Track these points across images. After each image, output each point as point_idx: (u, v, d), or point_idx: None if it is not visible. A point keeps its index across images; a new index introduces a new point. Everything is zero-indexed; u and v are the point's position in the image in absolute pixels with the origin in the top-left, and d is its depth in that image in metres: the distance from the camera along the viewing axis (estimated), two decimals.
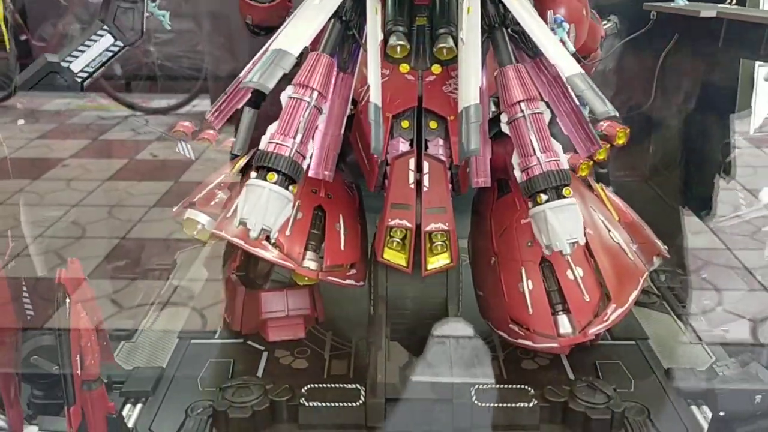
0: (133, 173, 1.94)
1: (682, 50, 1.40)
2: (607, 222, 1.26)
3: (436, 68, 1.17)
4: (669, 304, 1.52)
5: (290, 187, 1.01)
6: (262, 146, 1.02)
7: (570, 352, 1.30)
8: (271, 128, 1.03)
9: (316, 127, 1.09)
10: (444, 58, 1.14)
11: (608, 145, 1.45)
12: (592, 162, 1.34)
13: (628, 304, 1.17)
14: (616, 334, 1.39)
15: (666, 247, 1.35)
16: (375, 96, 1.02)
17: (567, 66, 1.01)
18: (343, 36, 1.11)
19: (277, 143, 1.01)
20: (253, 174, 1.01)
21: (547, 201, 1.01)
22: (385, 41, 1.13)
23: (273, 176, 0.99)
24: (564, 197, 1.01)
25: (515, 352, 1.34)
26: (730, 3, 1.30)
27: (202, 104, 2.36)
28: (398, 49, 1.13)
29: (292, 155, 1.00)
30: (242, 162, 1.34)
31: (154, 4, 1.39)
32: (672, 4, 1.30)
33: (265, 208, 0.98)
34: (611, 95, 1.11)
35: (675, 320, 1.47)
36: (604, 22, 1.37)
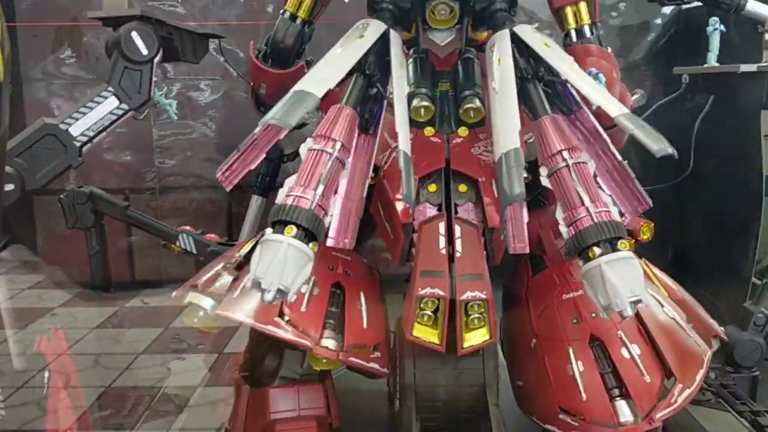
0: (123, 320, 1.85)
1: (719, 113, 1.34)
2: (658, 297, 1.13)
3: (463, 131, 1.09)
4: (726, 401, 1.35)
5: (310, 245, 0.89)
6: (279, 200, 0.91)
7: None
8: (289, 181, 0.93)
9: (336, 192, 1.00)
10: (471, 120, 1.08)
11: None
12: (652, 224, 1.24)
13: (696, 384, 1.02)
14: None
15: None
16: (404, 143, 0.94)
17: (612, 106, 0.93)
18: (365, 95, 1.04)
19: (296, 195, 0.90)
20: (269, 230, 0.89)
21: (602, 255, 0.89)
22: (407, 104, 1.07)
23: (291, 230, 0.88)
24: (620, 251, 0.90)
25: None
26: (767, 61, 1.26)
27: None
28: (422, 111, 1.07)
29: (313, 208, 0.90)
30: (249, 245, 1.23)
31: (160, 93, 1.34)
32: (705, 66, 1.26)
33: (283, 265, 0.85)
34: (644, 169, 1.04)
35: (736, 417, 1.30)
36: (632, 94, 1.32)
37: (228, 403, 1.24)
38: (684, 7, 1.34)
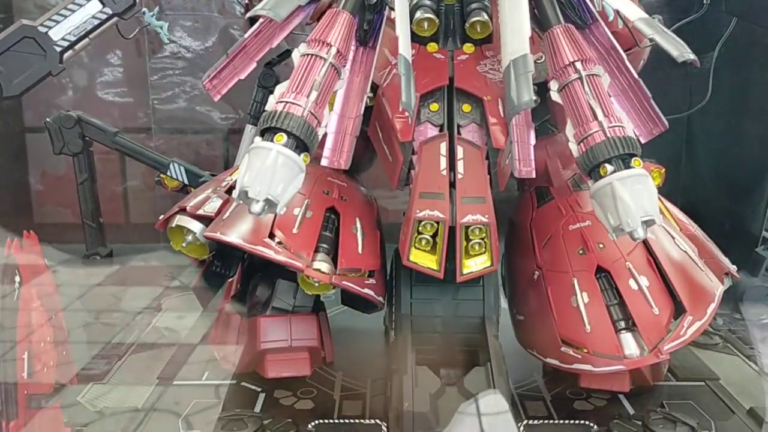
0: (124, 279, 1.81)
1: (742, 37, 1.26)
2: (670, 230, 1.08)
3: (469, 47, 1.03)
4: (734, 345, 1.31)
5: (302, 155, 0.83)
6: (269, 107, 0.85)
7: (629, 393, 1.08)
8: (280, 87, 0.87)
9: (331, 104, 0.94)
10: (477, 35, 1.01)
11: None
12: (663, 169, 1.18)
13: (707, 317, 0.97)
14: (681, 375, 1.17)
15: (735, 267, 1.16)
16: (404, 48, 0.87)
17: (631, 10, 0.87)
18: (364, 3, 0.97)
19: (287, 102, 0.84)
20: (258, 139, 0.84)
21: (614, 172, 0.83)
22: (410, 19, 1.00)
23: (281, 138, 0.82)
24: (633, 168, 0.84)
25: (564, 392, 1.12)
26: None
27: None
28: (426, 24, 1.00)
29: (304, 116, 0.84)
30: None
31: (151, 14, 1.27)
32: None
33: (272, 174, 0.80)
34: (661, 96, 0.98)
35: (745, 360, 1.25)
36: None
37: (228, 361, 1.20)
38: None
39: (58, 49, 0.99)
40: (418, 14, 0.99)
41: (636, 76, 0.94)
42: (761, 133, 1.47)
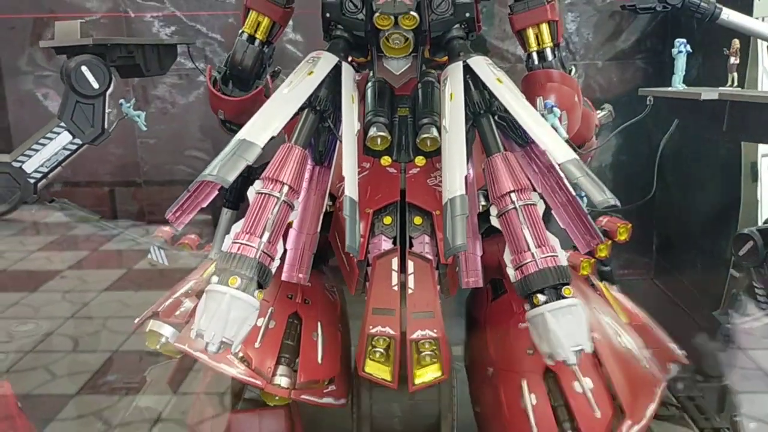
0: (131, 283, 1.85)
1: (683, 136, 1.32)
2: (615, 325, 1.13)
3: (420, 160, 1.08)
4: (690, 416, 1.37)
5: (256, 293, 0.89)
6: (224, 247, 0.91)
7: None
8: (236, 227, 0.93)
9: (290, 225, 1.00)
10: (428, 149, 1.07)
11: (609, 242, 1.35)
12: (593, 259, 1.23)
13: (646, 420, 1.03)
14: None
15: (684, 351, 1.21)
16: (350, 189, 0.93)
17: (559, 152, 0.92)
18: (318, 129, 1.03)
19: (241, 243, 0.90)
20: (214, 279, 0.90)
21: (546, 302, 0.89)
22: (364, 132, 1.06)
23: (235, 281, 0.88)
24: (564, 297, 0.89)
25: None
26: (731, 85, 1.24)
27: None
28: (379, 140, 1.06)
29: (258, 257, 0.90)
30: (213, 268, 1.23)
31: (128, 105, 1.33)
32: (669, 89, 1.23)
33: (226, 318, 0.86)
34: (610, 187, 1.03)
35: None
36: (599, 110, 1.30)
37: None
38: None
39: (32, 181, 1.05)
40: (372, 131, 1.05)
41: (573, 193, 0.99)
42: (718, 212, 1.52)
